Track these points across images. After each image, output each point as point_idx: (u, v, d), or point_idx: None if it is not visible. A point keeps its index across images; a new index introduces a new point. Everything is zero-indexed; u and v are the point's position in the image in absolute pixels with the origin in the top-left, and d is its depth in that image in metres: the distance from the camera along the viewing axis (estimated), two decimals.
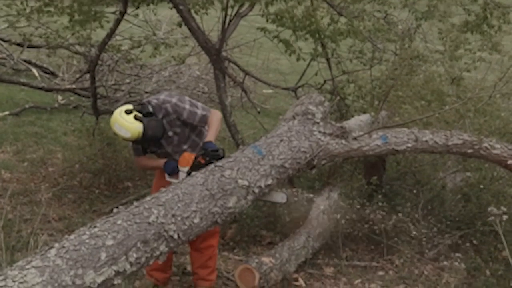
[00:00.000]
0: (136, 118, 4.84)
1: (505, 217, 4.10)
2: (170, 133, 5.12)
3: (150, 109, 4.97)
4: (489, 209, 4.13)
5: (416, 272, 6.18)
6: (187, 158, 4.97)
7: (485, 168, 6.86)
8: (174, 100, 5.05)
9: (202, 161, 4.86)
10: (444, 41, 7.65)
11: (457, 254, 6.34)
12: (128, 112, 4.85)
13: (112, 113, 5.02)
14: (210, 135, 5.06)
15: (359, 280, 6.01)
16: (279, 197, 5.29)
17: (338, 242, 6.40)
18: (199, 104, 5.19)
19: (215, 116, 5.16)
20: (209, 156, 4.84)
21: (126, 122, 4.82)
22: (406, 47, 7.46)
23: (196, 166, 4.85)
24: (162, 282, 5.55)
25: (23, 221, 6.55)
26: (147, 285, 5.48)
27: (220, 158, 4.87)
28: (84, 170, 7.97)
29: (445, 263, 6.16)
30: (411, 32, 8.13)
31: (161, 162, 5.21)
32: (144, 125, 4.85)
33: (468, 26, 7.50)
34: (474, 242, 6.56)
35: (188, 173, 4.87)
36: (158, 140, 5.10)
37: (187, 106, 5.08)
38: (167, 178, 5.12)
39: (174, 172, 5.07)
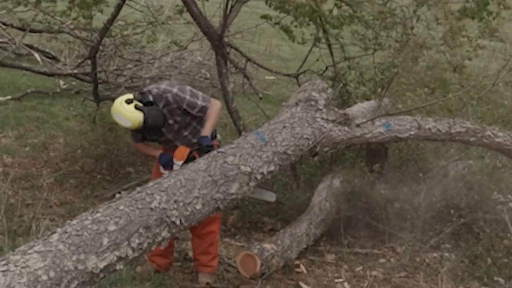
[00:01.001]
0: (136, 107, 4.83)
1: (511, 205, 4.10)
2: (170, 121, 5.12)
3: (151, 98, 4.97)
4: (496, 196, 4.13)
5: (417, 259, 6.19)
6: (183, 151, 5.01)
7: (488, 156, 6.85)
8: (175, 90, 5.04)
9: (197, 156, 4.88)
10: (444, 27, 7.60)
11: (458, 242, 6.35)
12: (128, 101, 4.84)
13: (113, 100, 5.02)
14: (206, 129, 5.07)
15: (361, 267, 6.02)
16: (268, 195, 5.34)
17: (340, 229, 6.40)
18: (200, 94, 5.18)
19: (214, 107, 5.14)
20: (203, 152, 4.85)
21: (126, 112, 4.81)
22: (408, 34, 7.42)
23: (190, 160, 4.86)
24: (164, 268, 5.57)
25: (25, 206, 6.55)
26: (149, 270, 5.49)
27: (207, 151, 4.90)
28: (86, 155, 7.96)
29: (446, 252, 6.16)
30: (413, 18, 8.08)
31: (157, 153, 5.25)
32: (144, 114, 4.84)
33: (467, 12, 7.43)
34: (476, 230, 6.56)
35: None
36: (159, 129, 5.10)
37: (188, 96, 5.07)
38: (161, 170, 5.15)
39: (169, 165, 5.10)
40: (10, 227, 5.43)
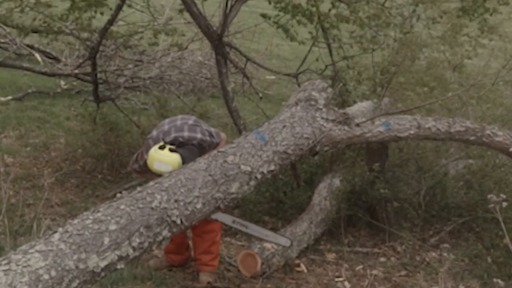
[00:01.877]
0: (171, 150, 4.85)
1: (505, 204, 4.11)
2: None
3: (181, 139, 5.02)
4: (489, 196, 4.14)
5: (417, 258, 6.20)
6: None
7: (488, 155, 6.86)
8: (198, 136, 5.10)
9: None
10: (442, 26, 7.60)
11: (458, 241, 6.36)
12: (162, 147, 4.86)
13: (113, 100, 5.06)
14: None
15: (361, 266, 6.03)
16: (283, 241, 5.36)
17: (340, 228, 6.41)
18: (212, 130, 5.32)
19: (223, 142, 5.32)
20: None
21: (164, 157, 4.78)
22: (407, 32, 7.42)
23: None
24: (178, 263, 5.68)
25: (26, 205, 6.56)
26: (162, 261, 5.62)
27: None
28: (87, 155, 7.98)
29: (446, 250, 6.17)
30: (412, 17, 8.08)
31: None
32: (181, 155, 4.85)
33: (464, 10, 7.41)
34: (476, 229, 6.57)
35: None
36: None
37: (208, 138, 5.16)
38: None
39: None
40: (12, 227, 5.45)
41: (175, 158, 4.78)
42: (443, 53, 7.44)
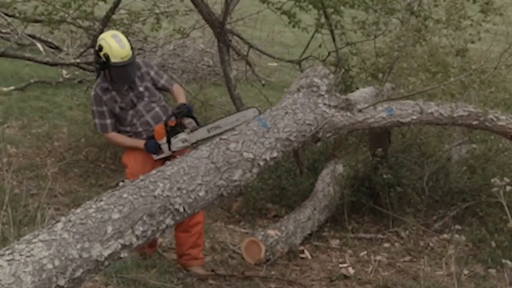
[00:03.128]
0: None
1: (508, 188, 4.10)
2: (141, 88, 5.27)
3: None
4: (493, 180, 4.13)
5: (421, 244, 6.20)
6: (158, 130, 5.14)
7: (491, 140, 6.84)
8: (143, 59, 5.44)
9: (173, 123, 5.03)
10: (445, 11, 7.57)
11: (462, 226, 6.36)
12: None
13: None
14: (182, 98, 5.41)
15: (365, 252, 6.03)
16: (250, 113, 5.17)
17: (344, 214, 6.42)
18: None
19: (181, 88, 5.59)
20: (182, 114, 5.07)
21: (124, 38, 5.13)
22: (413, 13, 7.40)
23: (172, 131, 5.06)
24: (151, 253, 5.62)
25: (30, 195, 6.58)
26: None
27: (187, 111, 5.11)
28: (89, 144, 7.98)
29: (450, 235, 6.17)
30: (415, 1, 8.05)
31: (140, 142, 5.28)
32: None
33: None
34: (480, 213, 6.57)
35: (169, 142, 5.07)
36: (133, 80, 5.25)
37: (155, 67, 5.44)
38: (155, 158, 5.22)
39: (157, 149, 5.19)
40: (15, 217, 5.45)
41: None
42: (446, 37, 7.41)
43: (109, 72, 5.14)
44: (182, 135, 5.11)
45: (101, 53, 5.07)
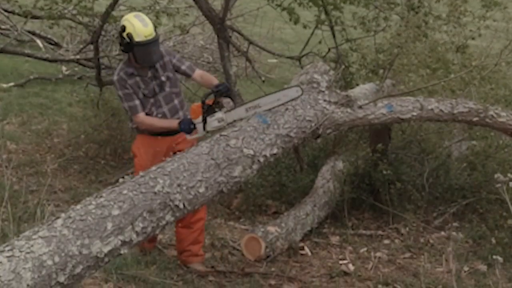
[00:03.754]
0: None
1: (511, 184, 4.09)
2: (163, 78, 5.28)
3: None
4: (496, 176, 4.11)
5: (421, 240, 6.20)
6: (195, 108, 4.98)
7: (491, 137, 6.84)
8: (165, 48, 5.47)
9: (211, 102, 4.91)
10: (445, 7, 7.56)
11: (462, 223, 6.35)
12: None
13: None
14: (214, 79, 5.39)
15: (365, 249, 6.03)
16: (294, 91, 4.92)
17: (344, 211, 6.41)
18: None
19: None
20: (215, 93, 4.96)
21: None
22: (413, 9, 7.38)
23: (209, 111, 4.88)
24: (150, 250, 5.63)
25: (29, 192, 6.58)
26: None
27: (226, 90, 5.04)
28: (89, 140, 7.98)
29: (449, 232, 6.17)
30: None
31: (174, 122, 5.19)
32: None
33: None
34: (480, 210, 6.56)
35: (205, 121, 4.88)
36: (157, 60, 5.29)
37: (178, 55, 5.50)
38: (188, 138, 5.10)
39: (191, 129, 5.06)
40: (15, 214, 5.46)
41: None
42: (446, 34, 7.40)
43: (133, 53, 5.15)
44: (218, 114, 4.88)
45: (124, 34, 5.09)
